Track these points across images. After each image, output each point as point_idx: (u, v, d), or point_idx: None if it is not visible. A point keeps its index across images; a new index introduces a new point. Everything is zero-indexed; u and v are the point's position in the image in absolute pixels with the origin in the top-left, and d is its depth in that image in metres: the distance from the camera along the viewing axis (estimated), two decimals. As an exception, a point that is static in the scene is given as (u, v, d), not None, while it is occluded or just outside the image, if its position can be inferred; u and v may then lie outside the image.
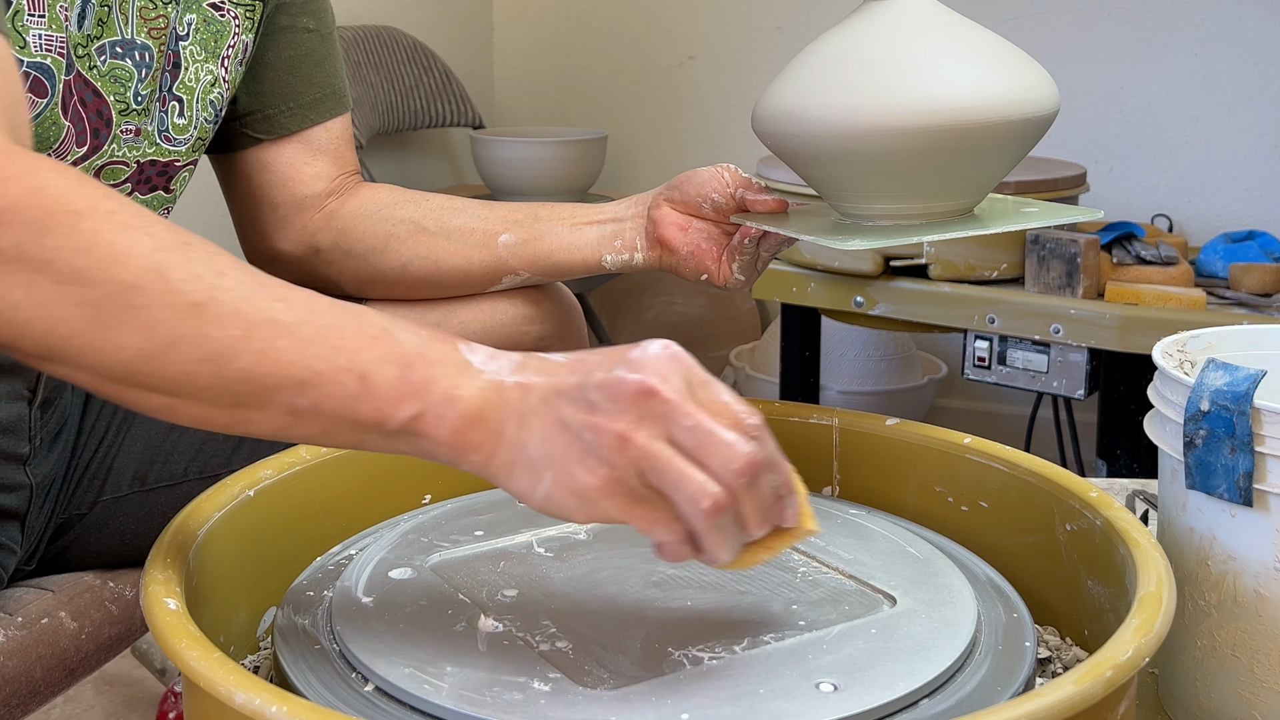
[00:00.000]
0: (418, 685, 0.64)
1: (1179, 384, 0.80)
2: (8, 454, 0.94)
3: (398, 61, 2.53)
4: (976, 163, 0.86)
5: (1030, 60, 0.88)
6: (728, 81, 2.80)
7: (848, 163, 0.87)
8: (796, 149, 0.89)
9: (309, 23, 1.10)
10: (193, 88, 1.01)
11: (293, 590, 0.78)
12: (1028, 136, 0.87)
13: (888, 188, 0.88)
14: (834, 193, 0.92)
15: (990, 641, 0.71)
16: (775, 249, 0.98)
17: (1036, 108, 0.85)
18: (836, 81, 0.86)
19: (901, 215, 0.89)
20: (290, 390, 0.62)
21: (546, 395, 0.62)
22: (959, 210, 0.90)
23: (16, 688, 0.90)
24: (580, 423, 0.61)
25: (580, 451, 0.61)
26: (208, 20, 1.01)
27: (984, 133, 0.84)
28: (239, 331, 0.61)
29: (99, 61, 0.92)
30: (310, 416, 0.62)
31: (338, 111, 1.12)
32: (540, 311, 1.09)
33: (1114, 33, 2.46)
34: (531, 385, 0.63)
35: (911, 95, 0.83)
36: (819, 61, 0.88)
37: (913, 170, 0.86)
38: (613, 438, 0.60)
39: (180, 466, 1.03)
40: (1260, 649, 0.79)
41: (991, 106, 0.83)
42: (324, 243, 1.10)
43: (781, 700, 0.62)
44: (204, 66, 1.01)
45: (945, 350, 2.63)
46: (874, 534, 0.83)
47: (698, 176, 1.01)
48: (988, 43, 0.87)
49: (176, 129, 1.00)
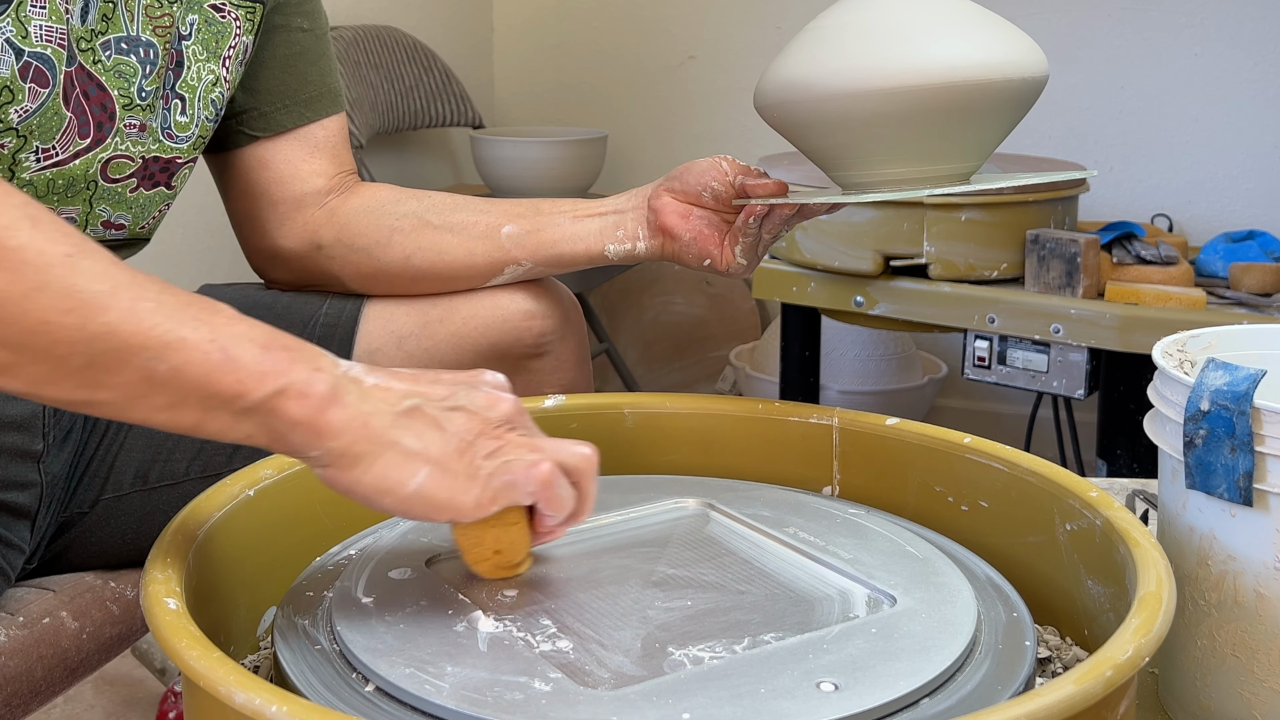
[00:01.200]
0: (418, 685, 0.64)
1: (1179, 384, 0.80)
2: (22, 451, 0.94)
3: (398, 61, 2.53)
4: (972, 123, 0.89)
5: (1019, 30, 0.91)
6: (728, 81, 2.80)
7: (848, 127, 0.89)
8: (798, 118, 0.91)
9: (303, 22, 1.10)
10: (195, 86, 1.01)
11: (292, 590, 0.78)
12: (1020, 98, 0.89)
13: (887, 151, 0.90)
14: (836, 162, 0.94)
15: (990, 641, 0.71)
16: (777, 230, 0.99)
17: (1027, 70, 0.88)
18: (835, 50, 0.88)
19: (902, 180, 0.91)
20: (153, 353, 0.61)
21: (417, 400, 0.67)
22: (959, 174, 0.92)
23: (17, 687, 0.90)
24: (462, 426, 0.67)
25: (459, 449, 0.67)
26: (209, 21, 1.02)
27: (976, 92, 0.86)
28: (107, 287, 0.60)
29: (103, 56, 0.93)
30: (164, 385, 0.61)
31: (334, 110, 1.13)
32: (541, 308, 1.10)
33: (1114, 33, 2.46)
34: (393, 388, 0.67)
35: (907, 58, 0.86)
36: (817, 35, 0.91)
37: (910, 132, 0.88)
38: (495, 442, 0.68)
39: (182, 466, 1.03)
40: (1260, 649, 0.79)
41: (984, 67, 0.86)
42: (326, 238, 1.10)
43: (782, 700, 0.62)
44: (205, 66, 1.02)
45: (945, 350, 2.63)
46: (874, 533, 0.83)
47: (697, 166, 1.02)
48: (979, 13, 0.90)
49: (179, 126, 1.00)
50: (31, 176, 0.91)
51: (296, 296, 1.12)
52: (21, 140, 0.89)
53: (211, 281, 1.27)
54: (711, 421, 0.98)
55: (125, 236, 1.01)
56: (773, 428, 0.97)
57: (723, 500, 0.88)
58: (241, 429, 0.63)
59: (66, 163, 0.92)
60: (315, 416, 0.63)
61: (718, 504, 0.88)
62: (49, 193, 0.93)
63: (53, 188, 0.93)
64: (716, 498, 0.89)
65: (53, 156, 0.91)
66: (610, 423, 0.98)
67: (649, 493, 0.90)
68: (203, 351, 0.61)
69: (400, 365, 1.08)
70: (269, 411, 0.63)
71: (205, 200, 1.49)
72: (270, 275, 1.15)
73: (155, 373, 0.61)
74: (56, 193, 0.93)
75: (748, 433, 0.97)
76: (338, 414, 0.64)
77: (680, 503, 0.89)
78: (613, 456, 0.97)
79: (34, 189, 0.91)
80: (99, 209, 0.97)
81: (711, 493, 0.90)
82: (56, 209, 0.94)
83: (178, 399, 0.62)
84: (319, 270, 1.11)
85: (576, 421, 0.97)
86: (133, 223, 1.01)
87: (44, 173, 0.91)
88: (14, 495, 0.94)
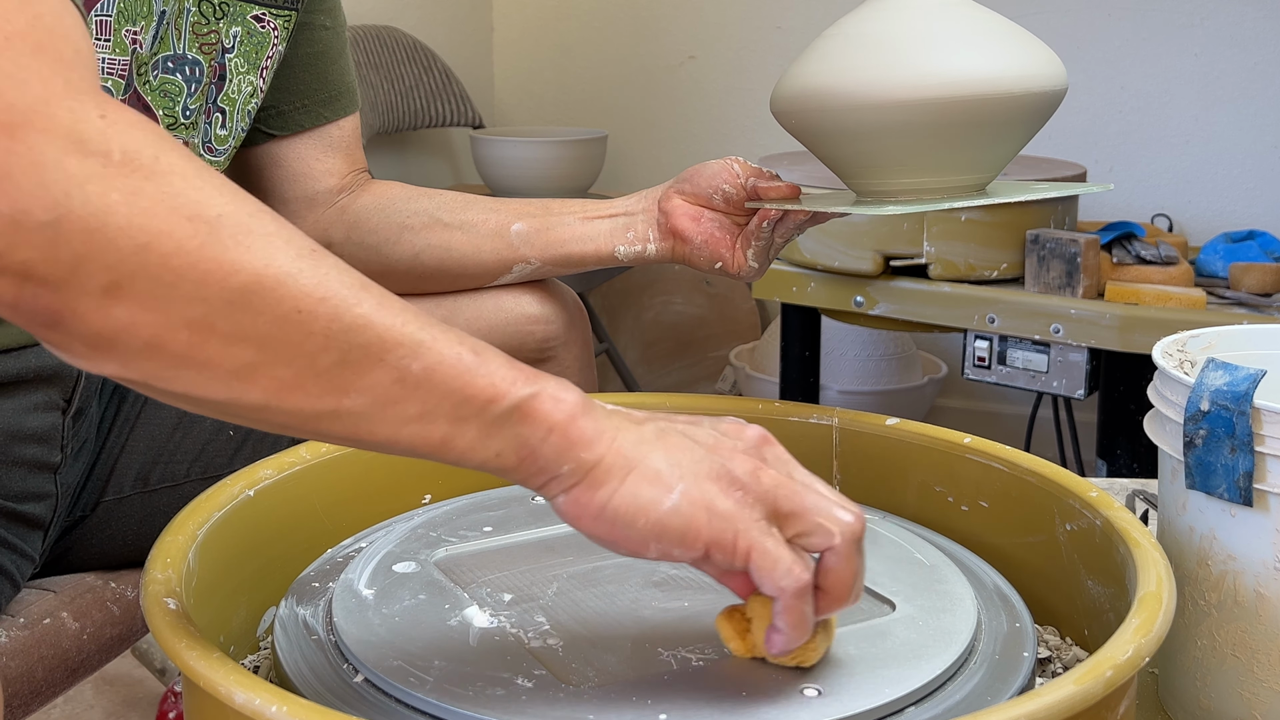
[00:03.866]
0: (404, 678, 0.64)
1: (1179, 384, 0.80)
2: (41, 463, 0.94)
3: (398, 61, 2.53)
4: (991, 136, 0.88)
5: (1039, 41, 0.91)
6: (728, 81, 2.80)
7: (868, 137, 0.89)
8: (817, 126, 0.91)
9: (325, 20, 1.10)
10: (235, 99, 1.01)
11: (299, 581, 0.79)
12: (1038, 111, 0.89)
13: (906, 162, 0.90)
14: (853, 170, 0.93)
15: (988, 650, 0.71)
16: (789, 234, 0.99)
17: (1046, 84, 0.88)
18: (856, 59, 0.88)
19: (919, 190, 0.91)
20: (407, 350, 0.56)
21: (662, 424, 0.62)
22: (974, 185, 0.92)
23: (18, 688, 0.91)
24: (712, 444, 0.62)
25: (714, 470, 0.61)
26: (250, 32, 1.01)
27: (997, 105, 0.86)
28: (356, 281, 0.56)
29: (151, 76, 0.92)
30: (416, 388, 0.56)
31: (350, 109, 1.13)
32: (546, 312, 1.09)
33: (1114, 33, 2.46)
34: (633, 414, 0.63)
35: (929, 70, 0.85)
36: (838, 43, 0.90)
37: (930, 143, 0.88)
38: (749, 463, 0.61)
39: (183, 467, 1.03)
40: (1260, 649, 0.79)
41: (1004, 80, 0.86)
42: (336, 236, 1.10)
43: (762, 704, 0.62)
44: (245, 78, 1.01)
45: (945, 350, 2.63)
46: (883, 539, 0.82)
47: (708, 169, 1.01)
48: (999, 24, 0.90)
49: (218, 140, 1.00)
50: None
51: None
52: None
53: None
54: (711, 422, 0.98)
55: None
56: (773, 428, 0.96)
57: None
58: (491, 445, 0.58)
59: None
60: (569, 423, 0.59)
61: None
62: None
63: None
64: None
65: None
66: (610, 423, 0.98)
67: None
68: (455, 353, 0.57)
69: None
70: (524, 416, 0.58)
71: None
72: None
73: (409, 373, 0.56)
74: None
75: (748, 433, 0.97)
76: (589, 424, 0.59)
77: None
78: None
79: None
80: None
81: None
82: None
83: (430, 406, 0.57)
84: None
85: (576, 422, 0.96)
86: None
87: None
88: (31, 506, 0.94)
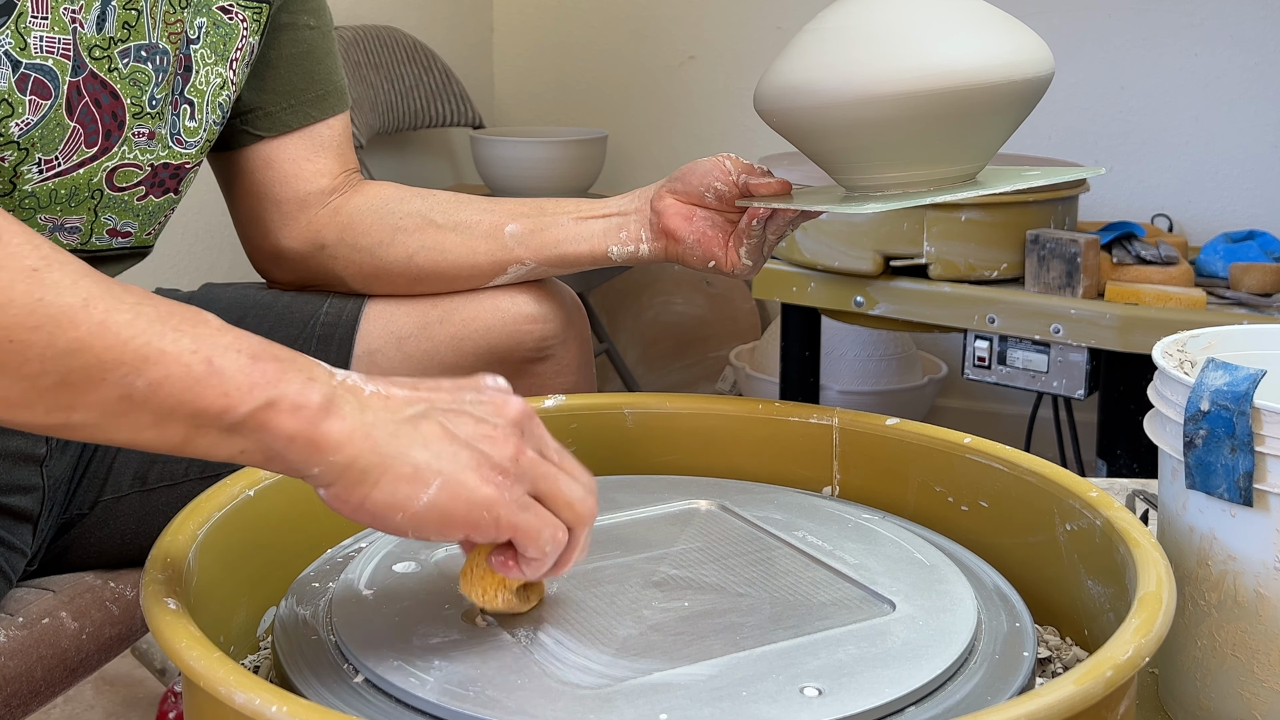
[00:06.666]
0: (404, 678, 0.64)
1: (1179, 384, 0.80)
2: (26, 455, 0.94)
3: (398, 61, 2.53)
4: (978, 125, 0.88)
5: (1024, 27, 0.90)
6: (728, 81, 2.80)
7: (853, 133, 0.88)
8: (801, 123, 0.90)
9: (309, 20, 1.10)
10: (203, 91, 1.01)
11: (299, 581, 0.79)
12: (1025, 98, 0.88)
13: (892, 155, 0.89)
14: (840, 166, 0.93)
15: (988, 650, 0.71)
16: (782, 231, 0.98)
17: (1032, 70, 0.87)
18: (837, 54, 0.87)
19: (907, 183, 0.90)
20: (129, 368, 0.57)
21: (421, 407, 0.63)
22: (963, 176, 0.91)
23: (17, 688, 0.90)
24: (472, 433, 0.63)
25: (473, 461, 0.62)
26: (217, 23, 1.01)
27: (983, 95, 0.85)
28: (78, 300, 0.56)
29: (120, 63, 0.92)
30: (143, 404, 0.57)
31: (339, 108, 1.12)
32: (543, 312, 1.09)
33: (1114, 33, 2.46)
34: (394, 396, 0.63)
35: (912, 61, 0.85)
36: (818, 37, 0.89)
37: (916, 136, 0.87)
38: (508, 448, 0.64)
39: (181, 466, 1.03)
40: (1260, 649, 0.79)
41: (989, 69, 0.85)
42: (329, 238, 1.10)
43: (763, 703, 0.62)
44: (213, 70, 1.01)
45: (945, 350, 2.63)
46: (883, 539, 0.82)
47: (700, 167, 1.01)
48: (983, 10, 0.89)
49: (188, 132, 1.00)
50: (34, 188, 0.90)
51: (297, 296, 1.12)
52: (23, 153, 0.88)
53: (212, 281, 1.26)
54: (711, 422, 0.98)
55: (131, 245, 1.00)
56: (773, 428, 0.97)
57: (735, 502, 0.88)
58: (233, 445, 0.59)
59: (69, 172, 0.91)
60: (311, 429, 0.59)
61: (730, 505, 0.88)
62: (51, 202, 0.92)
63: (55, 197, 0.92)
64: (729, 499, 0.89)
65: (55, 167, 0.90)
66: (610, 423, 0.98)
67: (661, 493, 0.90)
68: (184, 364, 0.57)
69: (400, 366, 1.08)
70: (259, 426, 0.59)
71: (206, 200, 1.49)
72: (272, 275, 1.15)
73: (133, 389, 0.57)
74: (59, 202, 0.92)
75: (748, 433, 0.97)
76: (336, 426, 0.60)
77: (692, 504, 0.89)
78: (613, 457, 0.97)
79: (36, 200, 0.91)
80: (104, 217, 0.96)
81: (725, 494, 0.90)
82: (60, 218, 0.93)
83: (161, 416, 0.58)
84: (322, 270, 1.11)
85: (576, 422, 0.97)
86: (139, 230, 1.00)
87: (46, 183, 0.90)
88: (16, 499, 0.94)
